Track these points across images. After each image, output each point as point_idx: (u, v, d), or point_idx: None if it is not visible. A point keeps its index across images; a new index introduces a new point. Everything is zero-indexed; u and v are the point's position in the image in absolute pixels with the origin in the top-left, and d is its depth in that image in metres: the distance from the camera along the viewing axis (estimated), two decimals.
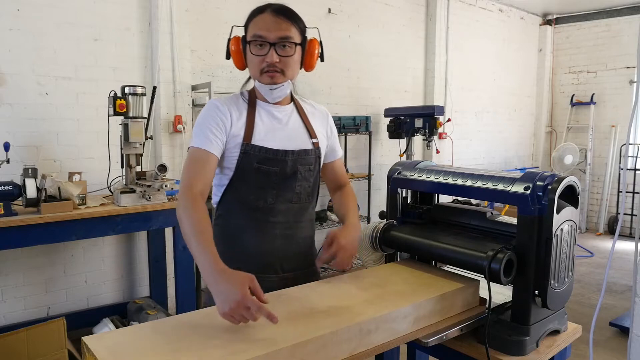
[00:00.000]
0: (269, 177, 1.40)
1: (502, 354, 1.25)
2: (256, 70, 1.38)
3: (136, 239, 3.56)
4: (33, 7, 3.00)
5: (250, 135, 1.39)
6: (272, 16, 1.35)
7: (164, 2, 3.43)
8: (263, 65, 1.36)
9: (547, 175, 1.26)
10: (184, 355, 0.91)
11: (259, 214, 1.42)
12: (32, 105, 3.05)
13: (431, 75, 5.66)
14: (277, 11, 1.36)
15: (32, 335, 2.44)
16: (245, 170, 1.39)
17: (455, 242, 1.40)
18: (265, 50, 1.35)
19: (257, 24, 1.35)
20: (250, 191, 1.40)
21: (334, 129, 1.61)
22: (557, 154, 6.44)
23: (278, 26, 1.34)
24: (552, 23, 7.33)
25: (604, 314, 3.78)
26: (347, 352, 1.04)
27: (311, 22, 1.38)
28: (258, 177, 1.39)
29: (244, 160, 1.38)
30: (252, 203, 1.41)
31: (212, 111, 1.38)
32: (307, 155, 1.46)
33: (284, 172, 1.41)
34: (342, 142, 4.85)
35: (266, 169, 1.39)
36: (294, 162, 1.43)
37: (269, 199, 1.42)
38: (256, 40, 1.34)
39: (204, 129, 1.35)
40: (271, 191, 1.41)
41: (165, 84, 3.50)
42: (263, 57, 1.35)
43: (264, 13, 1.36)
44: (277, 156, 1.40)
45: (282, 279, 1.45)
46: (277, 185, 1.42)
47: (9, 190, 2.47)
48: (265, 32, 1.33)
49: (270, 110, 1.45)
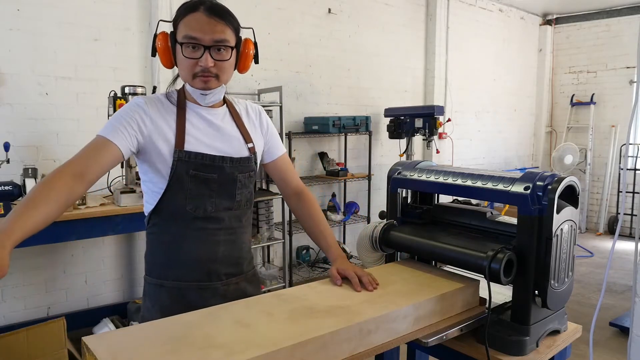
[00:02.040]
0: (208, 185, 1.32)
1: (502, 354, 1.25)
2: (188, 73, 1.28)
3: (136, 239, 3.56)
4: (33, 7, 3.00)
5: (182, 141, 1.29)
6: (206, 16, 1.24)
7: (164, 2, 3.43)
8: (197, 70, 1.26)
9: (547, 175, 1.26)
10: (184, 355, 0.91)
11: (199, 222, 1.33)
12: (32, 105, 3.05)
13: (431, 75, 5.66)
14: (211, 10, 1.25)
15: (32, 335, 2.44)
16: (181, 177, 1.29)
17: (455, 242, 1.40)
18: (198, 53, 1.24)
19: (189, 24, 1.24)
20: (188, 199, 1.31)
21: (270, 125, 1.51)
22: (557, 154, 6.45)
23: (213, 28, 1.24)
24: (552, 23, 7.33)
25: (604, 314, 3.78)
26: (347, 352, 1.04)
27: (311, 22, 1.37)
28: (195, 185, 1.30)
29: (178, 167, 1.28)
30: (191, 212, 1.32)
31: (133, 109, 1.27)
32: (246, 162, 1.38)
33: (222, 179, 1.33)
34: (342, 142, 4.86)
35: (203, 175, 1.30)
36: (232, 169, 1.35)
37: (208, 208, 1.33)
38: (189, 42, 1.24)
39: (116, 122, 1.25)
40: (210, 199, 1.33)
41: (165, 84, 3.44)
42: (196, 60, 1.25)
43: (197, 12, 1.24)
44: (214, 162, 1.32)
45: (225, 284, 1.39)
46: (216, 194, 1.33)
47: (9, 190, 2.47)
48: (199, 33, 1.23)
49: (201, 113, 1.34)
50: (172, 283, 1.35)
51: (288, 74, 4.33)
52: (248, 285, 1.46)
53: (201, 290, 1.35)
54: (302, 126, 4.49)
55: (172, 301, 1.32)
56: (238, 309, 1.14)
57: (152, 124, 1.28)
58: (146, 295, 1.40)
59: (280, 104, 3.83)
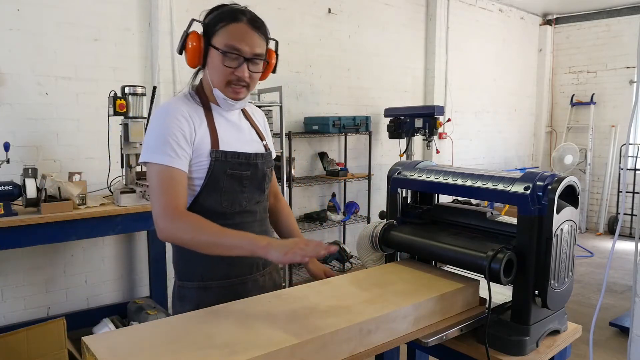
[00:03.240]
0: (241, 181, 1.37)
1: (502, 354, 1.25)
2: (222, 80, 1.31)
3: (136, 239, 3.56)
4: (33, 7, 3.00)
5: (217, 141, 1.33)
6: (250, 28, 1.29)
7: (164, 2, 3.43)
8: (232, 78, 1.30)
9: (547, 175, 1.26)
10: (184, 355, 0.91)
11: (237, 217, 1.38)
12: (32, 105, 3.04)
13: (431, 75, 5.66)
14: (253, 23, 1.30)
15: (32, 335, 2.44)
16: (218, 176, 1.33)
17: (455, 242, 1.40)
18: (236, 63, 1.29)
19: (233, 34, 1.28)
20: (223, 197, 1.35)
21: (268, 128, 1.59)
22: (557, 154, 6.45)
23: (255, 41, 1.30)
24: (552, 23, 7.33)
25: (604, 314, 3.78)
26: (347, 352, 1.04)
27: (311, 22, 1.37)
28: (230, 182, 1.35)
29: (216, 167, 1.32)
30: (227, 208, 1.36)
31: (174, 122, 1.27)
32: (269, 157, 1.47)
33: (254, 175, 1.40)
34: (342, 142, 4.86)
35: (239, 173, 1.36)
36: (262, 164, 1.42)
37: (243, 202, 1.39)
38: (231, 52, 1.27)
39: (168, 140, 1.24)
40: (242, 195, 1.38)
41: (165, 84, 3.50)
42: (233, 69, 1.29)
43: (240, 23, 1.29)
44: (249, 160, 1.38)
45: (262, 275, 1.46)
46: (248, 189, 1.39)
47: (9, 190, 2.47)
48: (243, 45, 1.28)
49: (222, 113, 1.40)
50: (219, 282, 1.38)
51: (288, 73, 4.33)
52: (276, 274, 1.54)
53: (244, 285, 1.41)
54: (302, 126, 4.49)
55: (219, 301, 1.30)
56: (238, 309, 1.14)
57: (193, 129, 1.30)
58: (185, 300, 1.39)
59: (280, 104, 3.83)
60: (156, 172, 1.25)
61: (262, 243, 1.15)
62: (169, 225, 1.22)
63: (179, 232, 1.21)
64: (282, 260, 1.11)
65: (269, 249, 1.13)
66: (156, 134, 1.28)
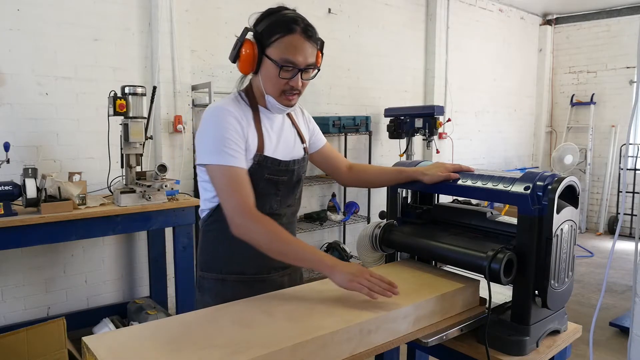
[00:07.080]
0: (276, 186, 1.40)
1: (502, 354, 1.25)
2: (277, 90, 1.33)
3: (136, 239, 3.56)
4: (33, 7, 3.00)
5: (262, 145, 1.35)
6: (304, 39, 1.30)
7: (164, 2, 3.43)
8: (286, 88, 1.33)
9: (547, 175, 1.26)
10: (184, 355, 0.91)
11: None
12: (32, 105, 3.04)
13: (431, 75, 5.66)
14: (307, 33, 1.30)
15: (32, 335, 2.44)
16: (255, 180, 1.34)
17: (456, 242, 1.40)
18: (291, 74, 1.31)
19: (288, 48, 1.28)
20: (257, 199, 1.34)
21: (312, 120, 1.61)
22: (557, 154, 6.44)
23: (308, 52, 1.31)
24: (552, 23, 7.33)
25: (604, 314, 3.78)
26: (347, 352, 1.04)
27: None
28: (265, 186, 1.38)
29: (256, 170, 1.34)
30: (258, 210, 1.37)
31: (230, 124, 1.30)
32: (304, 162, 1.48)
33: (290, 180, 1.43)
34: (342, 142, 4.86)
35: (275, 179, 1.39)
36: (298, 170, 1.45)
37: (274, 205, 1.41)
38: (287, 65, 1.29)
39: (227, 141, 1.28)
40: (275, 198, 1.41)
41: (165, 84, 3.50)
42: (287, 80, 1.32)
43: (295, 34, 1.28)
44: (288, 167, 1.41)
45: (281, 276, 1.48)
46: (282, 193, 1.42)
47: (9, 190, 2.47)
48: (298, 58, 1.29)
49: (269, 115, 1.42)
50: (235, 277, 1.41)
51: None
52: (295, 274, 1.55)
53: (261, 283, 1.42)
54: None
55: (235, 295, 1.32)
56: (238, 309, 1.14)
57: (246, 131, 1.33)
58: (204, 291, 1.44)
59: None
60: (221, 173, 1.28)
61: (329, 262, 1.19)
62: (246, 223, 1.25)
63: (254, 234, 1.24)
64: (346, 286, 1.16)
65: (334, 272, 1.18)
66: (213, 135, 1.30)
